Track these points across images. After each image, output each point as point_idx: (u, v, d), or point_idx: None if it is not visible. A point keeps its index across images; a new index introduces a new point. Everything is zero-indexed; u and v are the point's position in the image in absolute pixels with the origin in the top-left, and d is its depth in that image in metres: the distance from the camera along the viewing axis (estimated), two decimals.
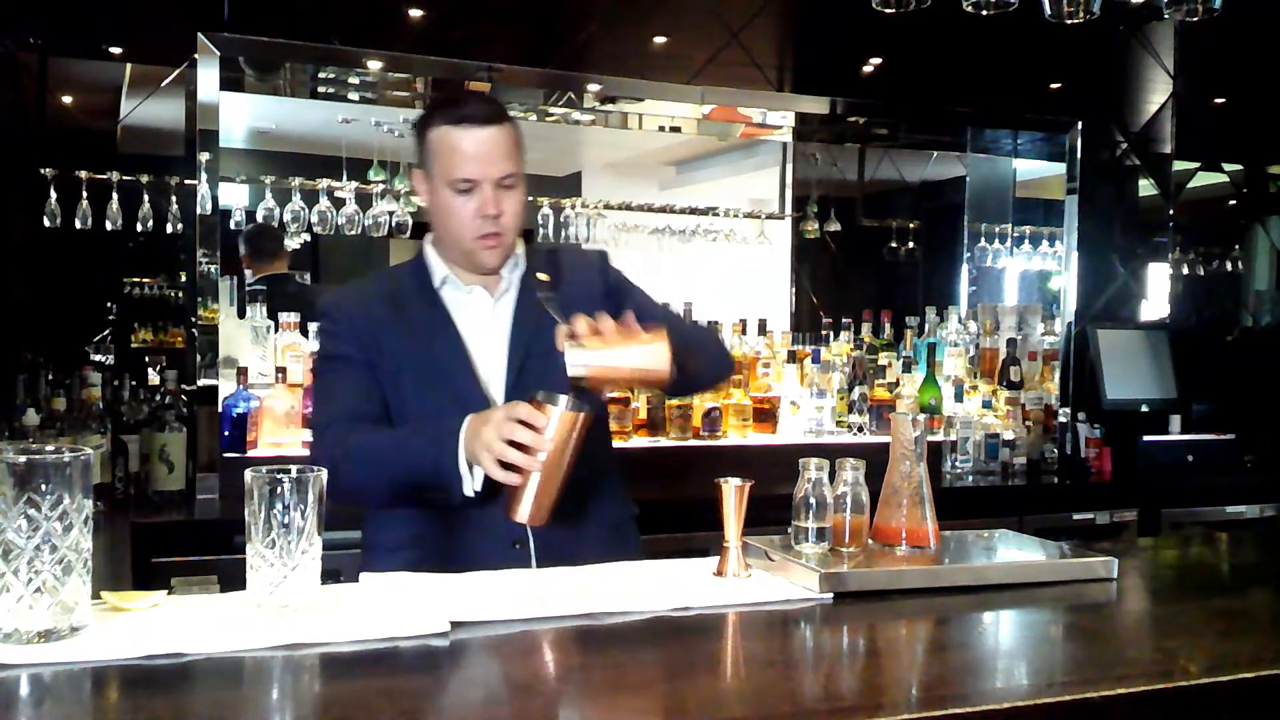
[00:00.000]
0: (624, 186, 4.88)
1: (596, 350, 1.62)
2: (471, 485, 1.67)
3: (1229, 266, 5.04)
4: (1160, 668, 1.30)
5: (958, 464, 3.60)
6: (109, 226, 3.50)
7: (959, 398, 3.71)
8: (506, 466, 1.59)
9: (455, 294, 1.89)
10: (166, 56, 3.23)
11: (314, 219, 3.66)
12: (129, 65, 3.47)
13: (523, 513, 1.62)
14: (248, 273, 3.88)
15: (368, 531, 1.95)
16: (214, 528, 2.64)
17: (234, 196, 3.69)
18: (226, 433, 2.87)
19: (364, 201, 3.74)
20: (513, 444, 1.57)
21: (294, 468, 1.30)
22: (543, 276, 1.83)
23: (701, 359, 1.87)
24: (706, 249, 4.50)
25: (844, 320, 3.95)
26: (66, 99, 3.57)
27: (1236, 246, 5.06)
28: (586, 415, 1.61)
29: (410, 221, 3.82)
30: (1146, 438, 3.91)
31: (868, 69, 4.15)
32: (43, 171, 3.43)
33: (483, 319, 1.88)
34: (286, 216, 3.64)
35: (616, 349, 1.64)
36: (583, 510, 1.82)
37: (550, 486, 1.61)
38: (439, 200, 1.82)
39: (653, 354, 1.65)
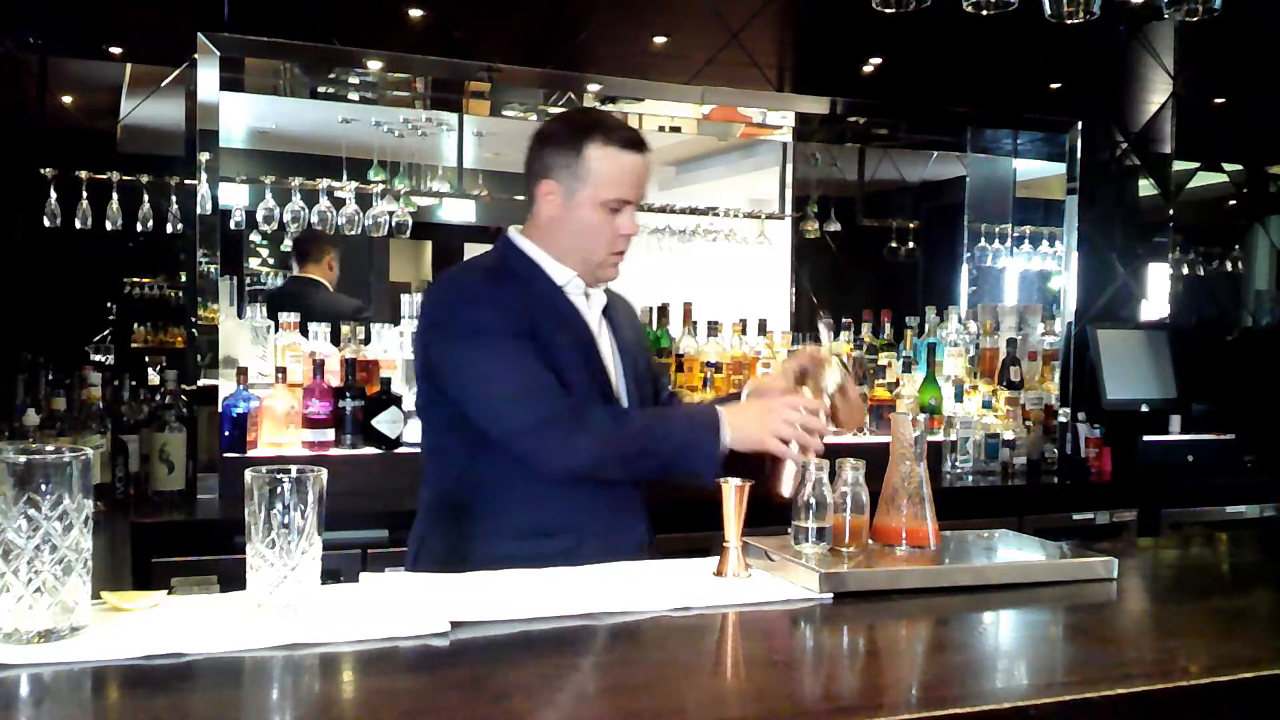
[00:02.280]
0: None
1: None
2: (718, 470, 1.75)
3: (1229, 266, 5.04)
4: (1160, 668, 1.30)
5: (958, 464, 3.60)
6: (109, 226, 3.50)
7: (959, 398, 3.70)
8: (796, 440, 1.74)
9: (576, 298, 1.94)
10: (166, 56, 3.23)
11: (314, 219, 3.66)
12: (129, 65, 3.47)
13: (786, 487, 1.72)
14: (294, 265, 3.95)
15: (484, 514, 1.85)
16: (214, 528, 2.64)
17: (234, 196, 3.69)
18: (226, 433, 2.87)
19: (364, 201, 3.74)
20: (809, 425, 1.74)
21: (294, 468, 1.30)
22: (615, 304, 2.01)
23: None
24: (706, 249, 4.50)
25: (844, 320, 3.95)
26: (66, 99, 3.56)
27: (1236, 246, 5.06)
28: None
29: (410, 221, 3.82)
30: (1146, 438, 3.91)
31: (868, 69, 4.15)
32: (43, 171, 3.43)
33: (597, 327, 1.95)
34: (286, 216, 3.64)
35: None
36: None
37: (802, 471, 1.72)
38: (582, 215, 1.87)
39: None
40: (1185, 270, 4.86)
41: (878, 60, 4.12)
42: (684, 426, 1.83)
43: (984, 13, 2.21)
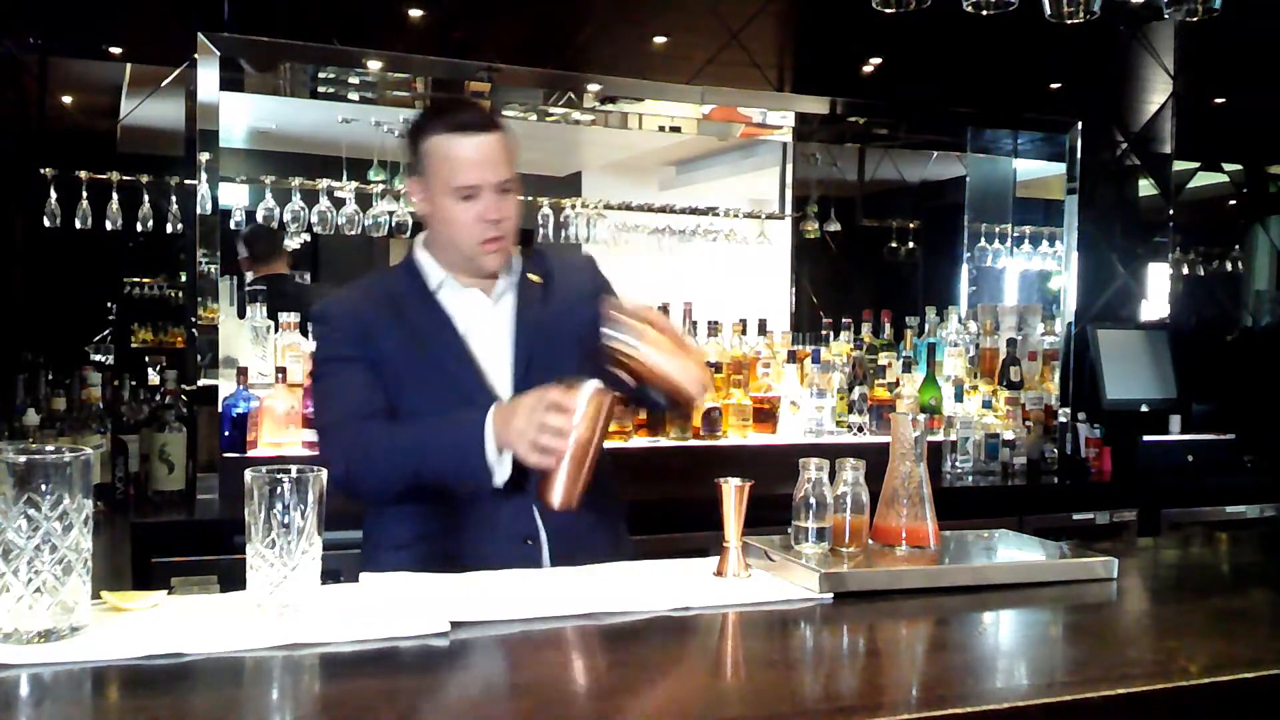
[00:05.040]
0: (624, 186, 4.88)
1: (647, 345, 1.66)
2: (500, 474, 1.69)
3: (1229, 266, 5.04)
4: (1160, 668, 1.30)
5: (958, 464, 3.60)
6: (109, 226, 3.50)
7: (959, 398, 3.70)
8: (541, 451, 1.62)
9: (453, 295, 1.91)
10: (166, 56, 3.23)
11: (314, 219, 3.66)
12: (129, 65, 3.47)
13: (556, 496, 1.65)
14: (248, 274, 3.89)
15: (369, 528, 1.95)
16: (214, 528, 2.64)
17: (234, 196, 3.69)
18: (226, 433, 2.87)
19: (364, 201, 3.74)
20: (547, 428, 1.61)
21: (294, 468, 1.30)
22: (534, 278, 1.87)
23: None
24: (706, 249, 4.50)
25: (844, 320, 3.95)
26: (66, 99, 3.57)
27: (1236, 246, 5.06)
28: (614, 397, 1.65)
29: (410, 221, 3.82)
30: (1146, 438, 3.91)
31: (868, 69, 4.14)
32: (43, 171, 3.43)
33: (483, 319, 1.90)
34: (286, 216, 3.64)
35: (667, 353, 1.68)
36: (591, 505, 1.82)
37: (580, 469, 1.65)
38: (439, 207, 1.84)
39: (696, 376, 1.70)
40: (1185, 270, 4.86)
41: (878, 60, 4.12)
42: (450, 440, 1.73)
43: (984, 13, 2.21)
